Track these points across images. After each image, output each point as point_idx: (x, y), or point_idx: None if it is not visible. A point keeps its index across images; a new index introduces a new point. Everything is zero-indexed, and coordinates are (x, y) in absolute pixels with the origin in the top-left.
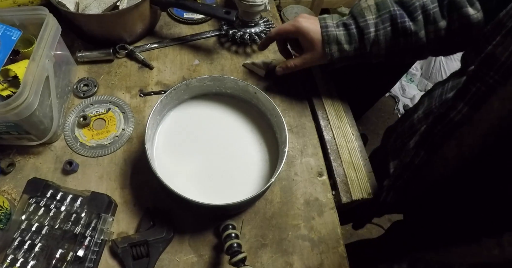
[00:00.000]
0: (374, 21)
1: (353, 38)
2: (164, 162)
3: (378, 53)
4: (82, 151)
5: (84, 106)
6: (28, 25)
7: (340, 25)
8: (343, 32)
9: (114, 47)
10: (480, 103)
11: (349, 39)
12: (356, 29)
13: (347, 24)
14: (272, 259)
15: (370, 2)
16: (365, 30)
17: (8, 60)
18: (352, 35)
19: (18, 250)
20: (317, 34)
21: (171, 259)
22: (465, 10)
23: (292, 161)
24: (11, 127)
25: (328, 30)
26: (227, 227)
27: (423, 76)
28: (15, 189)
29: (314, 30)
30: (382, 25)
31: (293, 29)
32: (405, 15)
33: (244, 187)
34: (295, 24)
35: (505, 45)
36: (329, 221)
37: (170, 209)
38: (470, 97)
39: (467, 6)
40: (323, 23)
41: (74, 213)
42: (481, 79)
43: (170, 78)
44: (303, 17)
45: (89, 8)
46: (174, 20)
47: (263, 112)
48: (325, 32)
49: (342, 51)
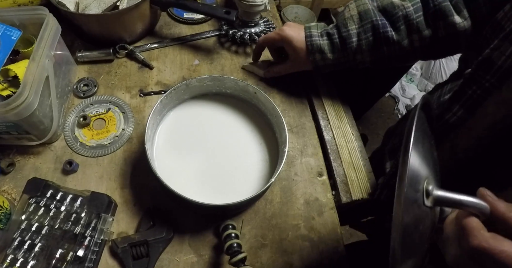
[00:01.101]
0: (357, 31)
1: (336, 47)
2: (164, 162)
3: (363, 60)
4: (82, 151)
5: (84, 106)
6: (28, 25)
7: (324, 35)
8: (327, 42)
9: (114, 47)
10: (476, 106)
11: (332, 49)
12: (338, 39)
13: (330, 34)
14: (272, 259)
15: (353, 12)
16: (347, 40)
17: (8, 60)
18: (335, 45)
19: (18, 250)
20: (300, 43)
21: (171, 259)
22: (451, 18)
23: (292, 161)
24: (11, 127)
25: (312, 39)
26: (227, 227)
27: (423, 76)
28: (15, 189)
29: (297, 38)
30: (364, 35)
31: (278, 38)
32: (387, 25)
33: (244, 187)
34: (280, 33)
35: (502, 49)
36: (329, 221)
37: (170, 209)
38: (465, 100)
39: (454, 15)
40: (308, 32)
41: (74, 213)
42: (477, 83)
43: (170, 78)
44: (288, 26)
45: (89, 8)
46: (174, 20)
47: (263, 112)
48: (309, 42)
49: (326, 59)
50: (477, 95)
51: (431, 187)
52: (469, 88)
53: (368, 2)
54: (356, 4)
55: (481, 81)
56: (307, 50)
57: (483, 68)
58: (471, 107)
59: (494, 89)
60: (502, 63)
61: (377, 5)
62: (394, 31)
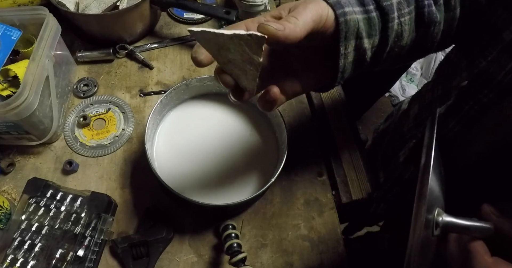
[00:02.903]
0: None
1: (374, 26)
2: (164, 162)
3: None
4: (82, 151)
5: (84, 106)
6: (28, 25)
7: (355, 3)
8: (362, 16)
9: (114, 47)
10: (473, 122)
11: (369, 29)
12: (377, 12)
13: (364, 3)
14: (272, 259)
15: None
16: (389, 15)
17: (8, 60)
18: (373, 22)
19: (18, 250)
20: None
21: (171, 259)
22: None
23: (292, 161)
24: (11, 127)
25: (345, 12)
26: (227, 227)
27: (423, 76)
28: (15, 189)
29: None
30: (407, 8)
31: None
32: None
33: (244, 187)
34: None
35: (502, 63)
36: (329, 221)
37: (170, 209)
38: (462, 116)
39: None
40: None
41: (74, 213)
42: (474, 97)
43: (170, 78)
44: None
45: (89, 8)
46: (174, 20)
47: (263, 112)
48: (343, 17)
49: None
50: (475, 111)
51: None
52: (466, 103)
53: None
54: None
55: (478, 95)
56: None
57: (479, 82)
58: (468, 124)
59: (493, 105)
60: (502, 78)
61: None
62: (436, 7)
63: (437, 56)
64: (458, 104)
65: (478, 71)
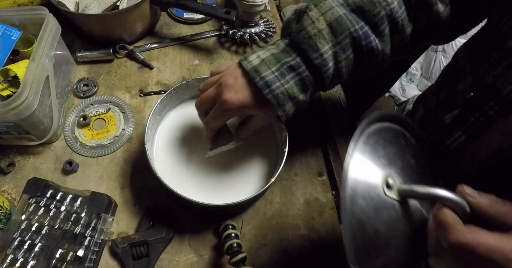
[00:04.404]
0: (332, 51)
1: (308, 83)
2: (164, 162)
3: (337, 83)
4: (82, 151)
5: (84, 106)
6: (28, 25)
7: (285, 72)
8: (293, 81)
9: (114, 47)
10: (479, 133)
11: (303, 88)
12: (309, 70)
13: (294, 67)
14: (272, 259)
15: (321, 25)
16: (322, 68)
17: (8, 60)
18: (306, 81)
19: (18, 250)
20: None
21: (171, 259)
22: (435, 8)
23: (292, 161)
24: (11, 127)
25: (272, 89)
26: (227, 227)
27: (423, 76)
28: (15, 189)
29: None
30: (344, 55)
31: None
32: (369, 32)
33: (244, 187)
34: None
35: (508, 78)
36: (329, 221)
37: (170, 209)
38: (468, 126)
39: (437, 3)
40: (259, 80)
41: (74, 213)
42: (480, 109)
43: (170, 78)
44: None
45: (89, 8)
46: (174, 20)
47: None
48: (269, 95)
49: (298, 103)
50: (480, 122)
51: (392, 181)
52: (471, 114)
53: (334, 3)
54: (319, 10)
55: (484, 107)
56: (271, 106)
57: (486, 94)
58: (474, 134)
59: (499, 117)
60: (508, 93)
61: (348, 4)
62: (378, 38)
63: (437, 56)
64: (464, 115)
65: (484, 85)
